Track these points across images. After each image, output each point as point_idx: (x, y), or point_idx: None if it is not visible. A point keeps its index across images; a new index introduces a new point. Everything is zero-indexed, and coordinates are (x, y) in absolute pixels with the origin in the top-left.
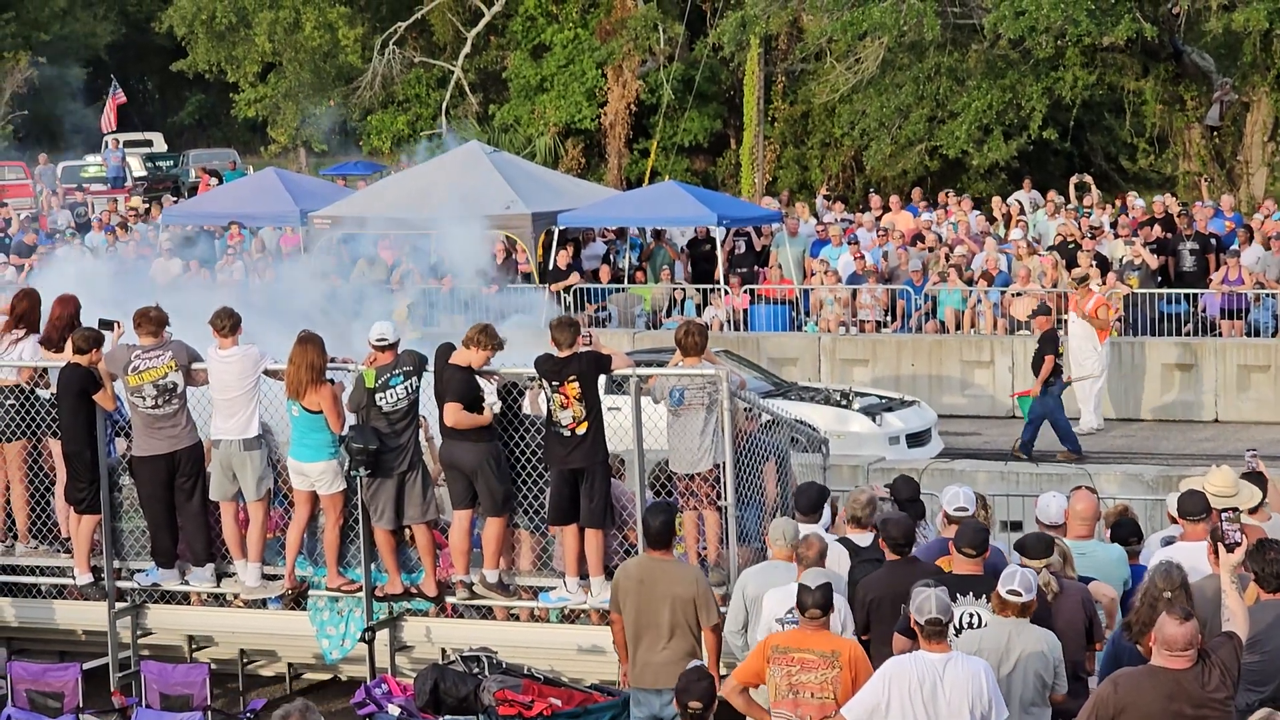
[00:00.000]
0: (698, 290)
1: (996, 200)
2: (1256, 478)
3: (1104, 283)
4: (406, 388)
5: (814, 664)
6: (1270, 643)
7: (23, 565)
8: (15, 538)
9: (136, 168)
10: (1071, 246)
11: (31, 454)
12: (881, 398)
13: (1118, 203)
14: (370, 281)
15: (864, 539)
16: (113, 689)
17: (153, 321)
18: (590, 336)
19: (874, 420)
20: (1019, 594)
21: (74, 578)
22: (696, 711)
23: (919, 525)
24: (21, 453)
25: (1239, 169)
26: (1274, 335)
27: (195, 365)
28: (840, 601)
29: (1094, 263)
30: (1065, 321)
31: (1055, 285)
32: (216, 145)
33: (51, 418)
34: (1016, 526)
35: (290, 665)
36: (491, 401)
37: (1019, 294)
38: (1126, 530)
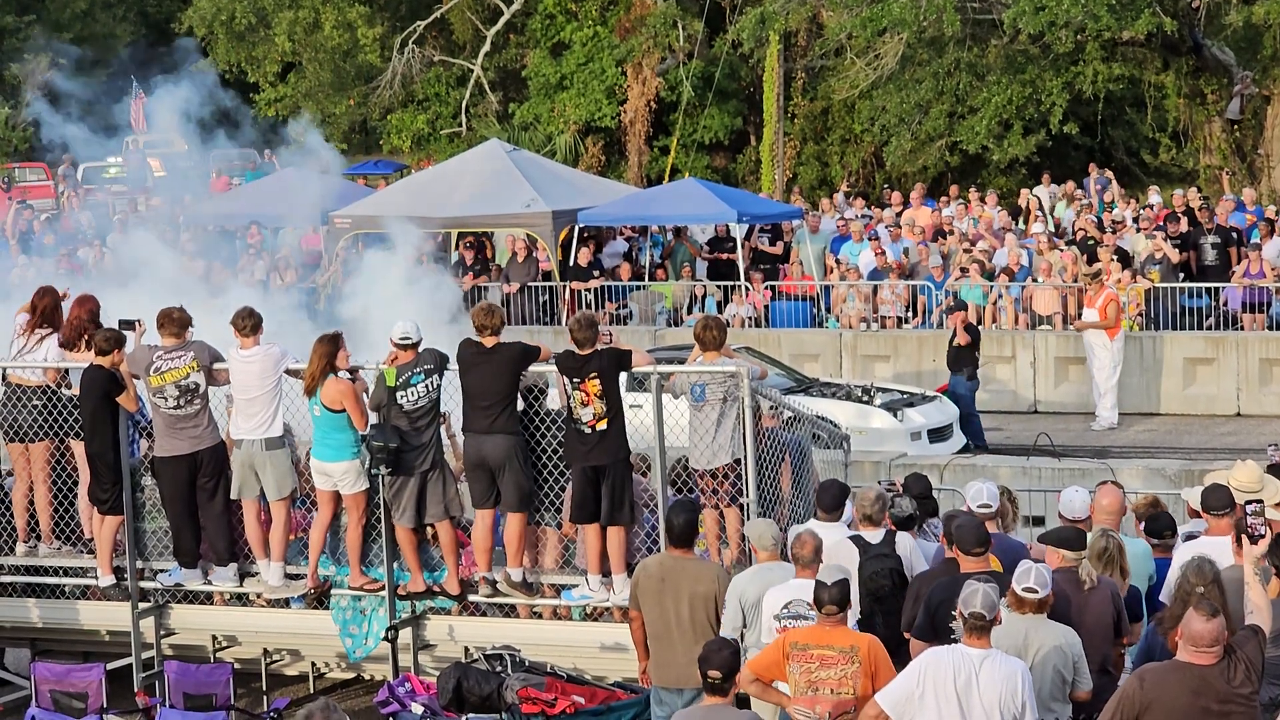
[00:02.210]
0: (719, 287)
1: (1023, 194)
2: (1278, 471)
3: (1120, 279)
4: (427, 386)
5: (833, 660)
6: None
7: (46, 566)
8: (39, 538)
9: (157, 168)
10: (1091, 242)
11: (55, 454)
12: (903, 393)
13: (1140, 197)
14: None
15: (875, 535)
16: (136, 689)
17: (175, 322)
18: (610, 335)
19: (895, 416)
20: (1035, 590)
21: (97, 578)
22: (715, 681)
23: (928, 523)
24: (45, 453)
25: (1260, 162)
26: None
27: (216, 365)
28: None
29: (1114, 257)
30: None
31: (1076, 280)
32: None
33: (75, 418)
34: (1039, 521)
35: (313, 664)
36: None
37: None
38: (1162, 524)
